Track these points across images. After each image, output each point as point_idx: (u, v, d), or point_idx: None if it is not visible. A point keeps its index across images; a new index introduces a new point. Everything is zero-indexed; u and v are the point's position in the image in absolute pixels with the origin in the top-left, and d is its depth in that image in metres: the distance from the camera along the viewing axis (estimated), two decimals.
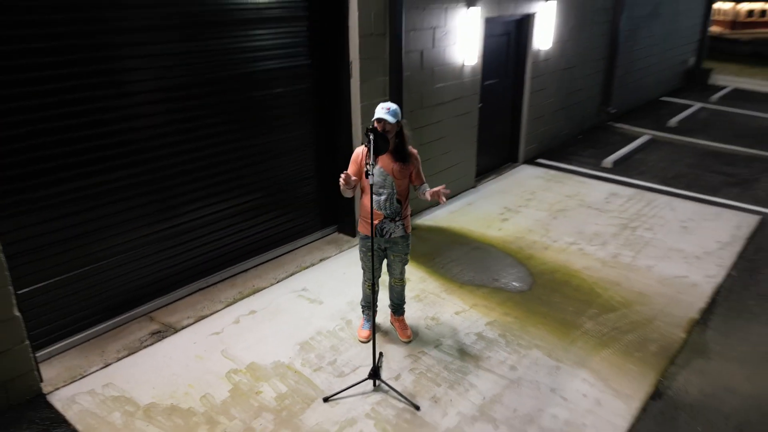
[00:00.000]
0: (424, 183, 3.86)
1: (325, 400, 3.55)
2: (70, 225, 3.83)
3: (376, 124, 3.57)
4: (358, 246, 4.17)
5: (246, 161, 4.86)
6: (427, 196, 3.70)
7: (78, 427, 3.34)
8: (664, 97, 12.37)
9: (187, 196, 4.49)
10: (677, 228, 6.10)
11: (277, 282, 4.95)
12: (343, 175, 3.53)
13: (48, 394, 3.60)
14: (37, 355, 3.65)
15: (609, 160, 8.03)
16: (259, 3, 4.63)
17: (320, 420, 3.41)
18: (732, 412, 3.54)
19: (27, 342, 3.47)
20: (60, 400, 3.55)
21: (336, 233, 5.84)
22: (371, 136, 3.35)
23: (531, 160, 8.16)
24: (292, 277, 5.04)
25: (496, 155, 7.79)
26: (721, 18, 61.43)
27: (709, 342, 4.23)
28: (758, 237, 5.91)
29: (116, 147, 3.95)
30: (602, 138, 9.29)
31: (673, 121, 10.23)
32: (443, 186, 3.62)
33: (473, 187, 7.13)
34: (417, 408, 3.50)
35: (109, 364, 3.87)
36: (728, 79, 14.36)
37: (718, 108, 11.56)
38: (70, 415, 3.43)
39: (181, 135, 4.33)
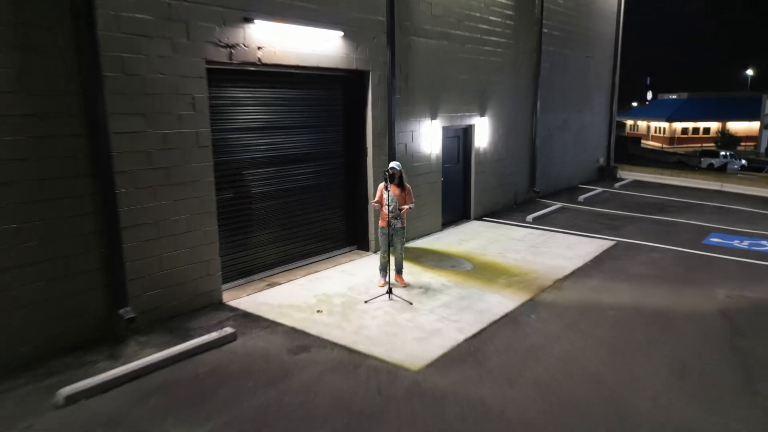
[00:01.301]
0: (413, 203, 7.71)
1: (366, 302, 7.16)
2: (231, 224, 7.59)
3: (389, 170, 7.48)
4: (378, 236, 7.92)
5: (310, 205, 8.73)
6: (404, 211, 7.55)
7: (247, 310, 6.88)
8: (581, 185, 16.81)
9: (278, 220, 8.30)
10: (564, 247, 9.99)
11: (328, 269, 8.61)
12: (376, 204, 7.46)
13: (225, 303, 7.14)
14: None
15: (530, 217, 12.08)
16: (321, 117, 8.76)
17: (365, 308, 7.00)
18: (566, 305, 7.23)
19: (220, 273, 7.09)
20: (232, 304, 7.10)
21: (357, 249, 9.60)
22: (387, 175, 7.31)
23: (479, 218, 12.16)
24: (335, 267, 8.72)
25: (455, 214, 11.78)
26: (659, 135, 69.37)
27: (564, 286, 7.97)
28: (611, 250, 9.82)
29: (248, 189, 7.84)
30: (530, 207, 13.41)
31: (581, 197, 14.50)
32: (408, 208, 7.54)
33: (440, 230, 11.03)
34: (410, 303, 7.13)
35: (250, 294, 7.45)
36: (633, 174, 19.01)
37: (616, 191, 15.99)
38: (241, 307, 6.98)
39: (282, 189, 8.24)
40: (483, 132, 11.98)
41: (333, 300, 7.27)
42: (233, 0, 6.82)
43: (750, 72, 74.09)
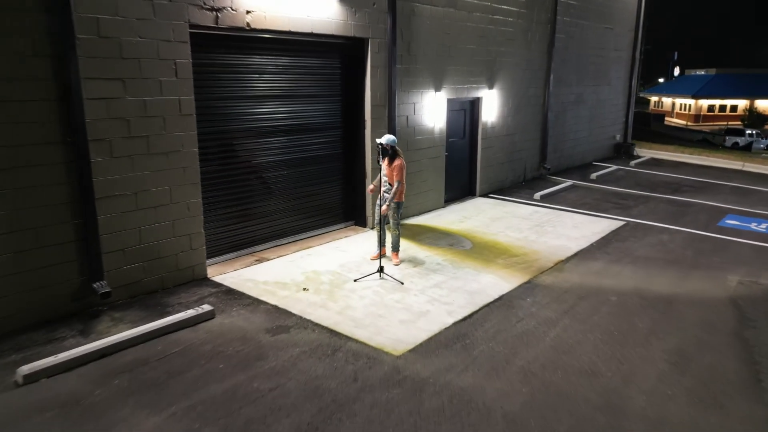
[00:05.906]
0: (395, 184, 7.26)
1: (355, 280, 6.87)
2: (218, 196, 7.30)
3: (378, 145, 7.10)
4: (369, 221, 7.60)
5: (305, 179, 8.40)
6: (384, 207, 7.17)
7: (231, 287, 6.64)
8: (595, 162, 16.23)
9: (269, 194, 7.99)
10: (570, 226, 9.57)
11: (321, 245, 8.32)
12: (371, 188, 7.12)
13: (209, 278, 6.90)
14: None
15: (538, 195, 11.63)
16: (316, 86, 8.37)
17: (353, 287, 6.71)
18: (565, 288, 6.86)
19: (204, 247, 6.83)
20: (217, 279, 6.86)
21: (353, 225, 9.28)
22: (380, 148, 6.94)
23: (485, 195, 11.75)
24: (330, 243, 8.42)
25: (459, 190, 11.37)
26: (684, 112, 67.43)
27: (565, 268, 7.59)
28: (619, 230, 9.38)
29: (243, 161, 7.53)
30: (539, 184, 12.94)
31: (594, 175, 13.96)
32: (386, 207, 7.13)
33: (443, 206, 10.66)
34: (402, 283, 6.82)
35: (237, 270, 7.20)
36: (651, 152, 18.31)
37: (631, 169, 15.39)
38: (226, 283, 6.74)
39: (275, 161, 7.91)
40: (491, 105, 11.48)
41: (321, 278, 7.00)
42: None
43: None
